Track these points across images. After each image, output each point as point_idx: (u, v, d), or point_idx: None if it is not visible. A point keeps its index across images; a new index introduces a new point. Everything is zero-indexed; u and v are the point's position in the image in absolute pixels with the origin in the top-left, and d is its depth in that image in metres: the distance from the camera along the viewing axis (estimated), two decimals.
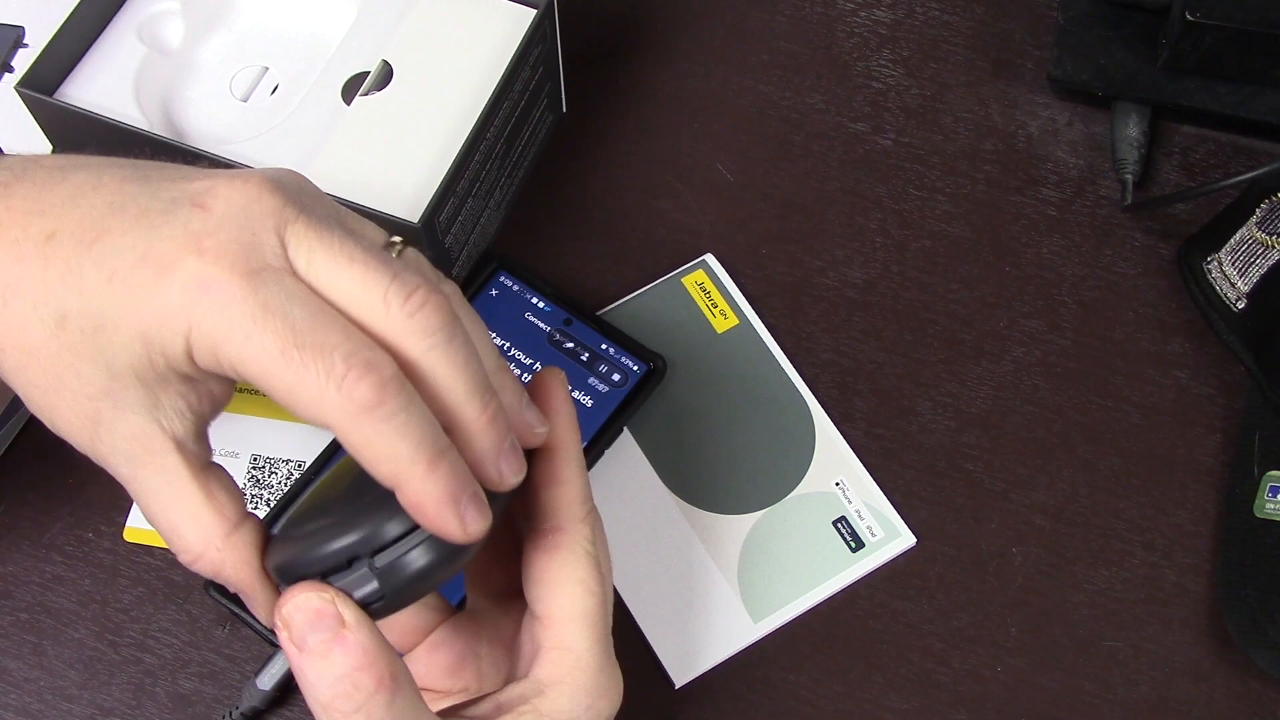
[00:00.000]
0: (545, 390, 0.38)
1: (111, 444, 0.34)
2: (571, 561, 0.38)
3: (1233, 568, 0.50)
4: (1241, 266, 0.54)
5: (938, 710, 0.50)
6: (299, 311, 0.32)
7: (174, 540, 0.35)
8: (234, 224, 0.33)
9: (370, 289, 0.33)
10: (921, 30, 0.64)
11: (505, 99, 0.53)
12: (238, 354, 0.32)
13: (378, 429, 0.32)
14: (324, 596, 0.34)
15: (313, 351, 0.32)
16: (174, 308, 0.32)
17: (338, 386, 0.32)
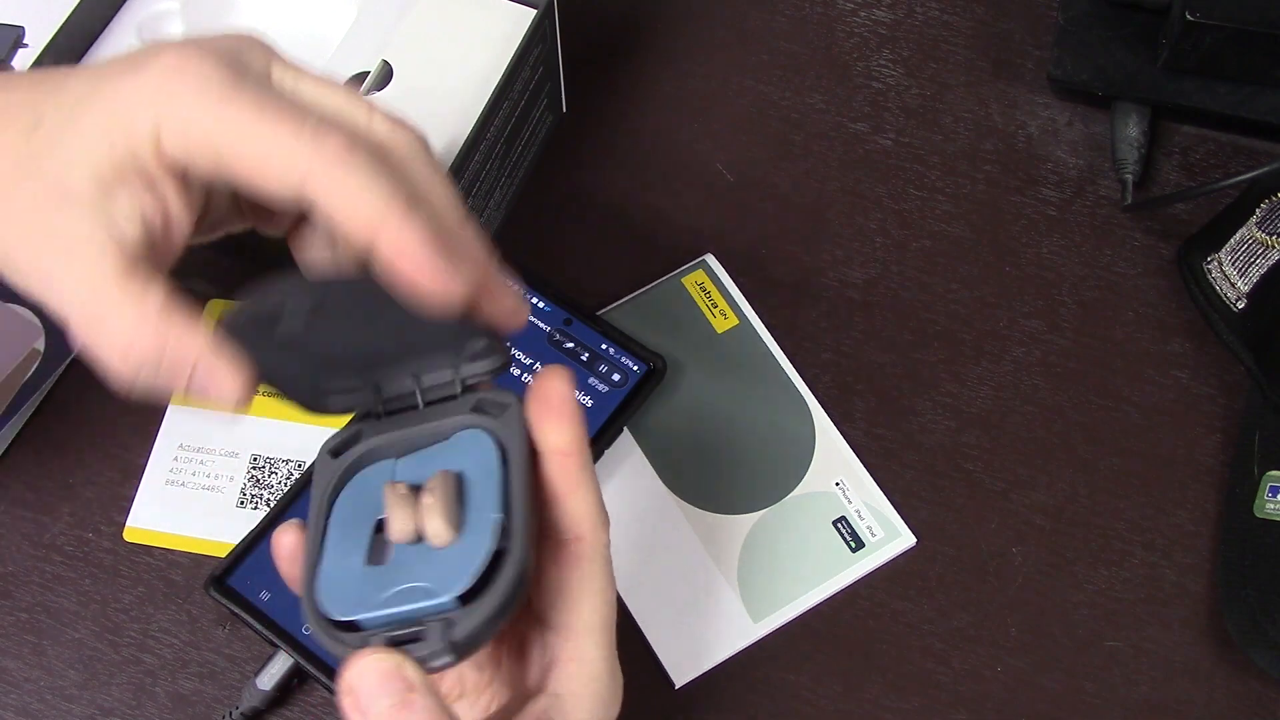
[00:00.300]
0: (551, 394, 0.37)
1: (53, 260, 0.34)
2: (593, 572, 0.37)
3: (1233, 568, 0.50)
4: (1241, 266, 0.54)
5: (938, 710, 0.50)
6: (273, 92, 0.34)
7: (101, 337, 0.33)
8: (229, 44, 0.35)
9: (356, 105, 0.35)
10: (921, 30, 0.64)
11: (505, 99, 0.53)
12: (210, 126, 0.33)
13: (352, 175, 0.33)
14: (393, 658, 0.33)
15: (286, 113, 0.33)
16: (148, 89, 0.33)
17: (310, 140, 0.33)
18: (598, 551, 0.37)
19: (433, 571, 0.35)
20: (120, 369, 0.34)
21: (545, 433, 0.37)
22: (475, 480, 0.36)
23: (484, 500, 0.36)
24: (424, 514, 0.35)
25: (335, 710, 0.49)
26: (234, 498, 0.52)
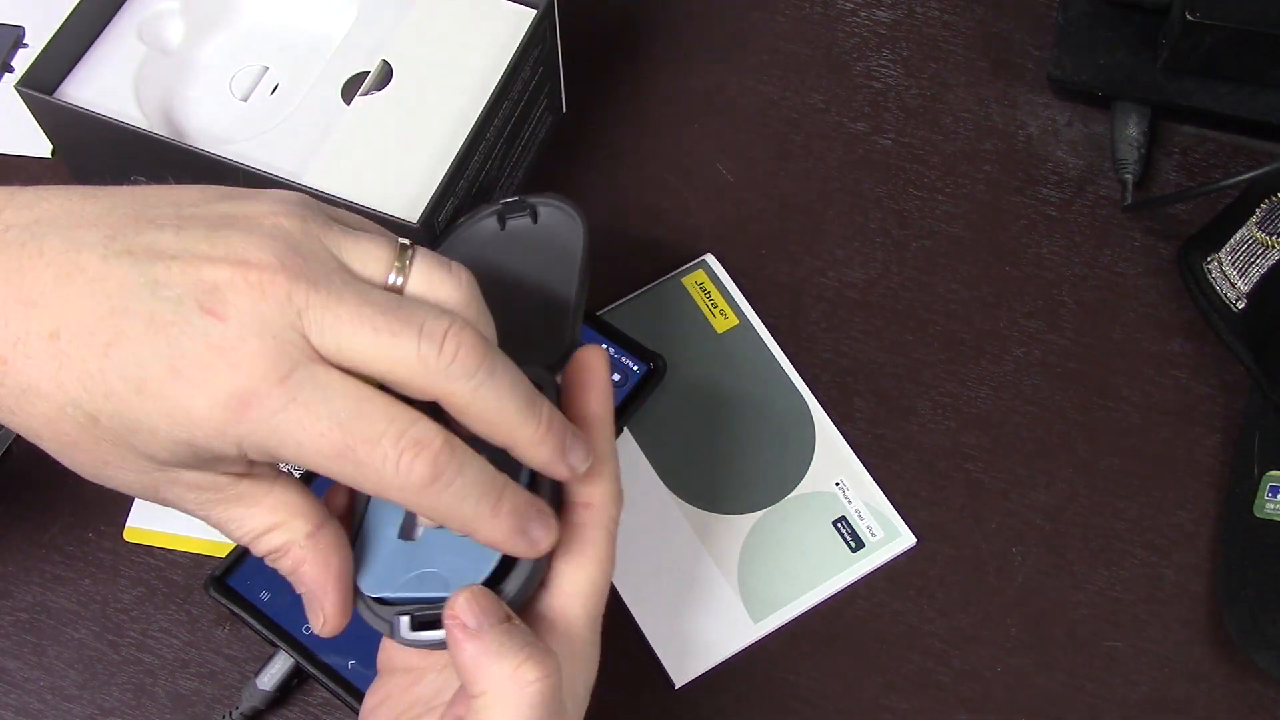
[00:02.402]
0: (587, 367, 0.40)
1: (177, 498, 0.36)
2: (595, 539, 0.39)
3: (1233, 568, 0.50)
4: (1241, 266, 0.54)
5: (938, 710, 0.50)
6: (340, 406, 0.33)
7: (261, 545, 0.37)
8: (254, 329, 0.33)
9: (403, 353, 0.34)
10: (921, 30, 0.64)
11: (505, 99, 0.53)
12: (294, 457, 0.34)
13: (442, 498, 0.35)
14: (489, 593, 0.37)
15: (364, 445, 0.34)
16: (218, 424, 0.33)
17: (395, 472, 0.34)
18: (605, 521, 0.39)
19: (453, 560, 0.38)
20: (270, 561, 0.38)
21: (578, 403, 0.39)
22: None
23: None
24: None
25: (335, 710, 0.49)
26: None
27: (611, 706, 0.40)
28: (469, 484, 0.35)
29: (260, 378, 0.33)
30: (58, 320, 0.33)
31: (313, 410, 0.33)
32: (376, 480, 0.34)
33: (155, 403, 0.33)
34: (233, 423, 0.33)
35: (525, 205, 0.46)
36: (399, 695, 0.41)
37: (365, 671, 0.48)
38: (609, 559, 0.39)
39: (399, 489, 0.34)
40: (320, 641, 0.48)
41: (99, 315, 0.33)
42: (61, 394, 0.34)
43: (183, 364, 0.33)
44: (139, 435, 0.34)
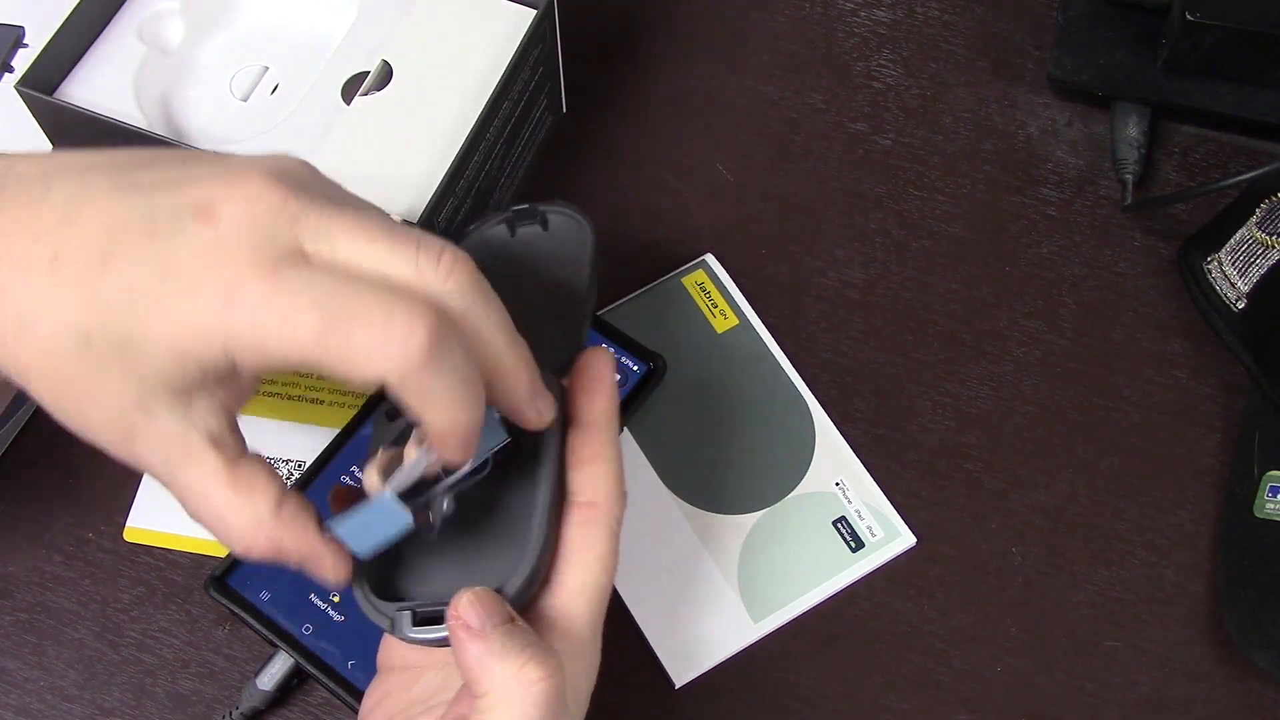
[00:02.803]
0: (591, 369, 0.40)
1: (147, 450, 0.35)
2: (597, 538, 0.39)
3: (1233, 568, 0.50)
4: (1241, 266, 0.54)
5: (938, 710, 0.50)
6: (327, 290, 0.33)
7: (223, 533, 0.36)
8: (244, 229, 0.33)
9: (400, 257, 0.34)
10: (921, 30, 0.64)
11: (505, 99, 0.53)
12: (281, 348, 0.33)
13: (435, 382, 0.34)
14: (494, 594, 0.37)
15: (353, 322, 0.33)
16: (206, 322, 0.33)
17: (392, 342, 0.33)
18: (608, 520, 0.39)
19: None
20: (240, 554, 0.37)
21: (582, 404, 0.40)
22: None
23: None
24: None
25: (335, 710, 0.49)
26: None
27: (611, 706, 0.40)
28: (461, 370, 0.34)
29: (247, 270, 0.33)
30: (58, 246, 0.34)
31: (301, 296, 0.33)
32: (367, 357, 0.33)
33: (146, 307, 0.33)
34: (220, 318, 0.33)
35: (535, 213, 0.46)
36: (398, 693, 0.41)
37: (365, 671, 0.48)
38: (612, 559, 0.39)
39: (401, 359, 0.33)
40: (320, 641, 0.48)
41: (99, 238, 0.34)
42: (57, 318, 0.34)
43: (174, 267, 0.33)
44: (129, 353, 0.33)
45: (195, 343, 0.33)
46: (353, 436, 0.52)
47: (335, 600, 0.49)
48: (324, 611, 0.49)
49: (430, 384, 0.34)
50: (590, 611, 0.39)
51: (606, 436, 0.40)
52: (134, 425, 0.35)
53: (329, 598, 0.49)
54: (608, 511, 0.39)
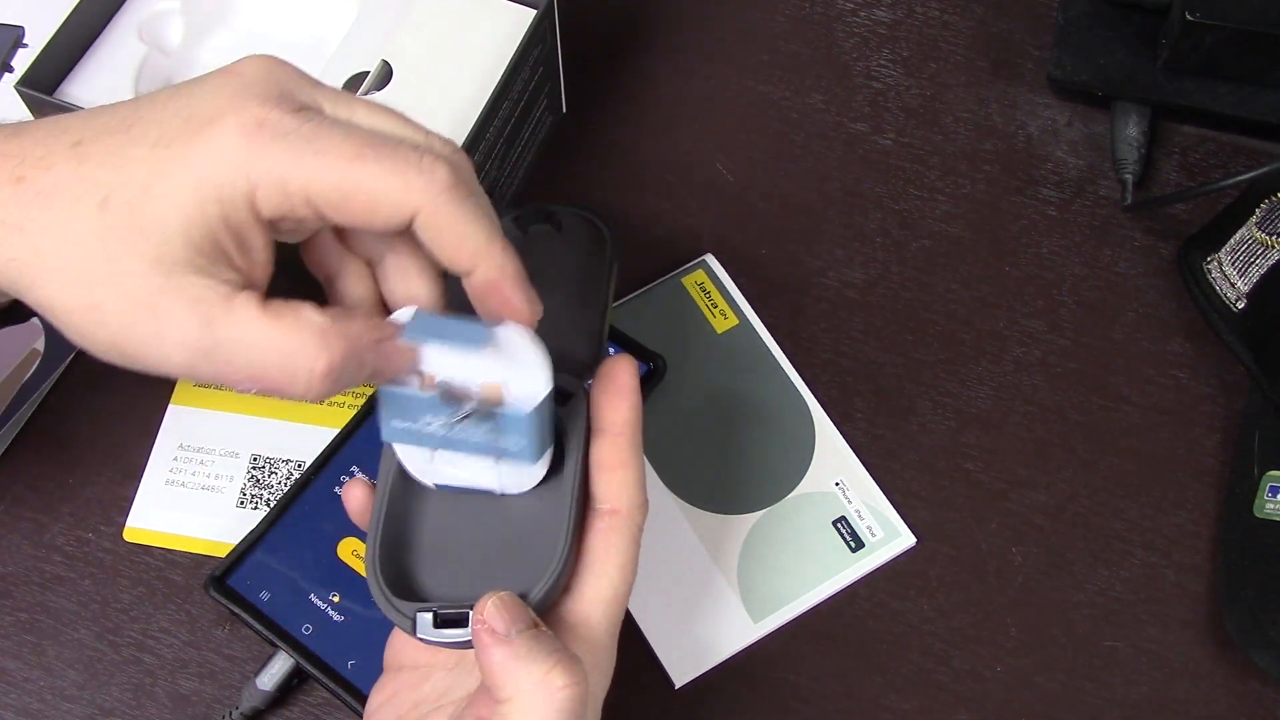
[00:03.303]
0: (613, 377, 0.40)
1: (179, 320, 0.34)
2: (619, 545, 0.39)
3: (1233, 568, 0.50)
4: (1241, 266, 0.54)
5: (938, 710, 0.50)
6: (354, 131, 0.34)
7: (292, 367, 0.34)
8: (268, 79, 0.35)
9: (413, 129, 0.36)
10: (921, 30, 0.64)
11: (505, 99, 0.53)
12: (308, 175, 0.33)
13: (462, 205, 0.35)
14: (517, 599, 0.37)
15: (385, 147, 0.34)
16: (231, 153, 0.33)
17: (419, 170, 0.34)
18: (630, 527, 0.39)
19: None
20: (318, 390, 0.35)
21: (605, 411, 0.39)
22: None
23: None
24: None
25: (335, 710, 0.49)
26: (234, 498, 0.52)
27: (611, 707, 0.40)
28: (484, 205, 0.36)
29: (275, 106, 0.34)
30: (81, 132, 0.35)
31: (330, 130, 0.34)
32: (398, 183, 0.34)
33: (169, 151, 0.33)
34: (247, 144, 0.33)
35: (545, 213, 0.46)
36: (406, 692, 0.41)
37: (365, 671, 0.48)
38: (633, 566, 0.39)
39: (422, 188, 0.34)
40: (320, 641, 0.48)
41: (121, 115, 0.35)
42: (78, 185, 0.34)
43: (199, 111, 0.34)
44: (148, 199, 0.33)
45: (218, 175, 0.33)
46: (353, 436, 0.52)
47: (335, 600, 0.49)
48: (324, 611, 0.49)
49: (461, 210, 0.35)
50: (609, 619, 0.39)
51: (630, 444, 0.39)
52: (158, 297, 0.34)
53: (329, 598, 0.49)
54: (630, 519, 0.39)
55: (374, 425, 0.52)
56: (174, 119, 0.34)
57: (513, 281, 0.37)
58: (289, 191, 0.34)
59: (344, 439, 0.52)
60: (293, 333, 0.34)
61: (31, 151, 0.34)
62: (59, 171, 0.34)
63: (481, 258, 0.36)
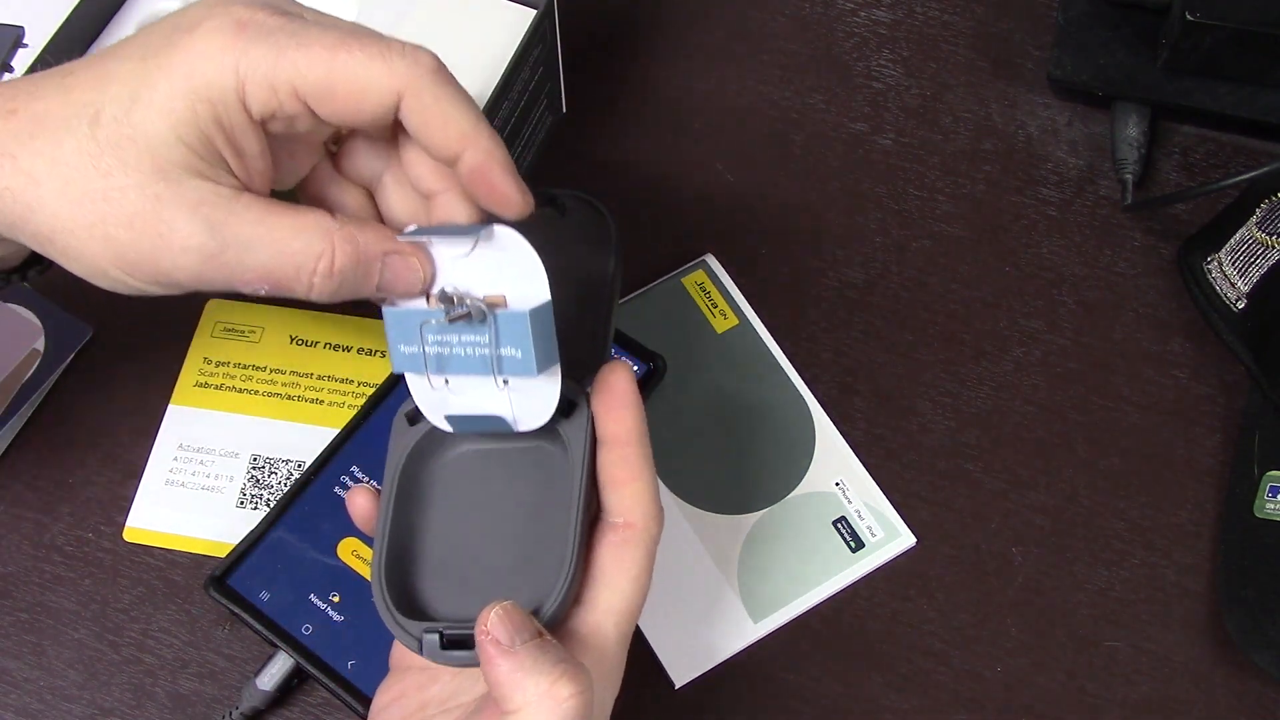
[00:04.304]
0: (613, 385, 0.39)
1: (183, 225, 0.34)
2: (634, 559, 0.38)
3: (1233, 568, 0.50)
4: (1241, 266, 0.54)
5: (938, 710, 0.50)
6: (339, 25, 0.35)
7: (296, 262, 0.35)
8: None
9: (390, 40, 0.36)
10: (921, 30, 0.64)
11: (505, 99, 0.53)
12: (294, 67, 0.34)
13: (447, 88, 0.35)
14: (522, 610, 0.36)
15: (369, 37, 0.35)
16: (216, 53, 0.33)
17: (401, 54, 0.35)
18: (645, 540, 0.39)
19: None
20: (324, 289, 0.36)
21: (608, 423, 0.39)
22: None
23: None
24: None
25: (335, 710, 0.49)
26: (234, 498, 0.52)
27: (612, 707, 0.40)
28: (469, 95, 0.36)
29: (258, 9, 0.34)
30: (73, 65, 0.35)
31: (309, 25, 0.34)
32: (383, 68, 0.34)
33: (156, 60, 0.34)
34: (234, 41, 0.33)
35: (550, 196, 0.44)
36: (413, 694, 0.41)
37: (365, 671, 0.48)
38: (647, 579, 0.39)
39: (405, 70, 0.34)
40: (320, 641, 0.48)
41: (113, 46, 0.35)
42: (68, 108, 0.34)
43: (183, 22, 0.34)
44: (138, 107, 0.33)
45: (205, 73, 0.33)
46: (353, 436, 0.52)
47: (335, 600, 0.49)
48: (324, 611, 0.49)
49: (446, 91, 0.35)
50: (620, 630, 0.38)
51: (639, 455, 0.39)
52: (160, 205, 0.34)
53: (329, 598, 0.49)
54: (645, 531, 0.39)
55: (374, 425, 0.52)
56: (158, 34, 0.34)
57: (500, 168, 0.37)
58: (276, 85, 0.34)
59: (344, 439, 0.52)
60: (299, 230, 0.35)
61: (23, 88, 0.35)
62: (49, 100, 0.34)
63: (469, 141, 0.36)
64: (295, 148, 0.39)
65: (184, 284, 0.35)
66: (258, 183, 0.36)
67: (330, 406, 0.54)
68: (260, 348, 0.55)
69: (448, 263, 0.37)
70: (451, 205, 0.39)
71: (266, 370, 0.55)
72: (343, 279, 0.36)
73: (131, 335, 0.56)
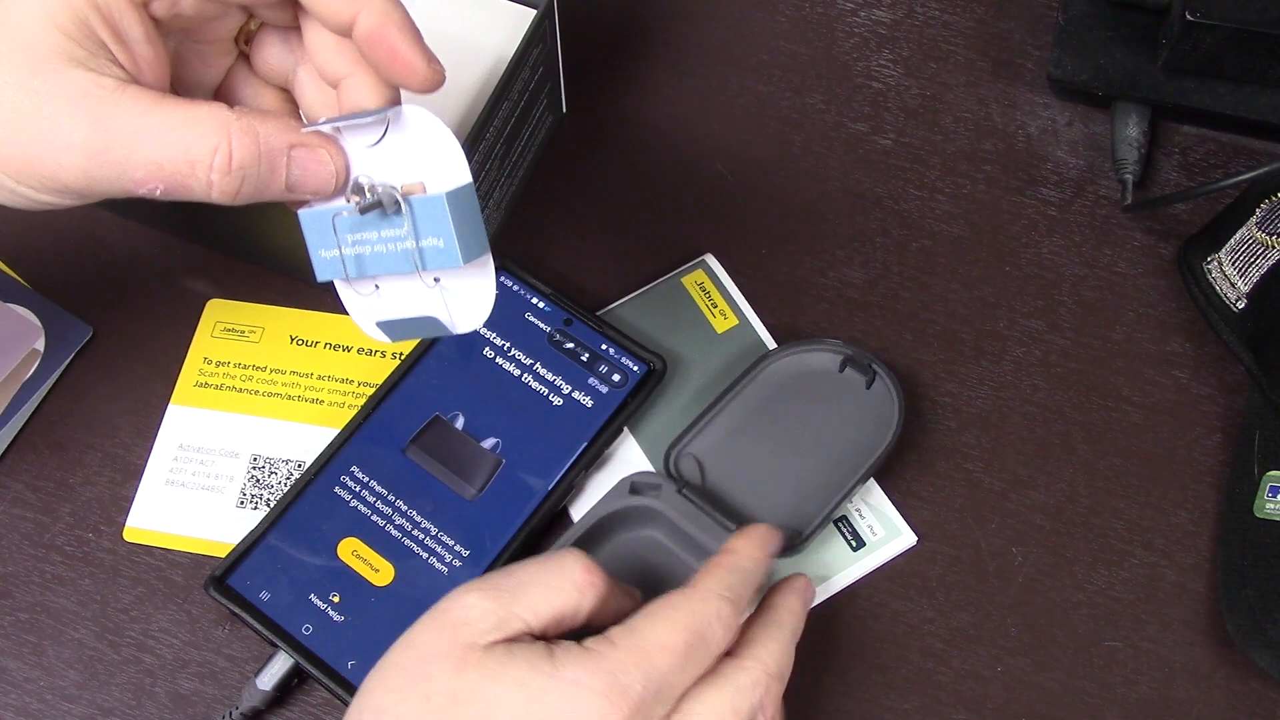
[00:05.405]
0: (794, 580, 0.46)
1: (67, 119, 0.32)
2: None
3: (1233, 568, 0.50)
4: (1241, 266, 0.54)
5: (938, 710, 0.50)
6: None
7: (191, 156, 0.32)
8: None
9: None
10: (921, 30, 0.64)
11: (505, 99, 0.53)
12: None
13: None
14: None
15: None
16: None
17: None
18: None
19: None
20: (224, 186, 0.32)
21: (780, 603, 0.45)
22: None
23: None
24: None
25: (335, 710, 0.49)
26: (234, 498, 0.52)
27: None
28: None
29: None
30: None
31: None
32: None
33: None
34: None
35: (870, 368, 0.52)
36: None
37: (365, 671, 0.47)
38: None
39: None
40: (320, 641, 0.48)
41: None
42: None
43: None
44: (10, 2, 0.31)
45: None
46: (353, 437, 0.52)
47: (335, 600, 0.49)
48: (324, 611, 0.49)
49: None
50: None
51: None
52: (38, 99, 0.31)
53: (329, 598, 0.49)
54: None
55: (374, 425, 0.52)
56: None
57: (399, 29, 0.33)
58: None
59: (344, 439, 0.52)
60: (192, 121, 0.32)
61: None
62: None
63: (362, 1, 0.33)
64: (202, 48, 0.36)
65: (73, 187, 0.33)
66: (148, 74, 0.33)
67: (330, 406, 0.54)
68: (260, 348, 0.55)
69: (361, 153, 0.35)
70: (358, 89, 0.35)
71: (267, 370, 0.55)
72: (244, 175, 0.33)
73: (131, 335, 0.56)
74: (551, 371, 0.53)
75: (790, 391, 0.52)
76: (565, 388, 0.53)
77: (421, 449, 0.52)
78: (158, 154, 0.32)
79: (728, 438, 0.52)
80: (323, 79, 0.37)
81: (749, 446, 0.52)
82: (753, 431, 0.52)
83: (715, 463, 0.51)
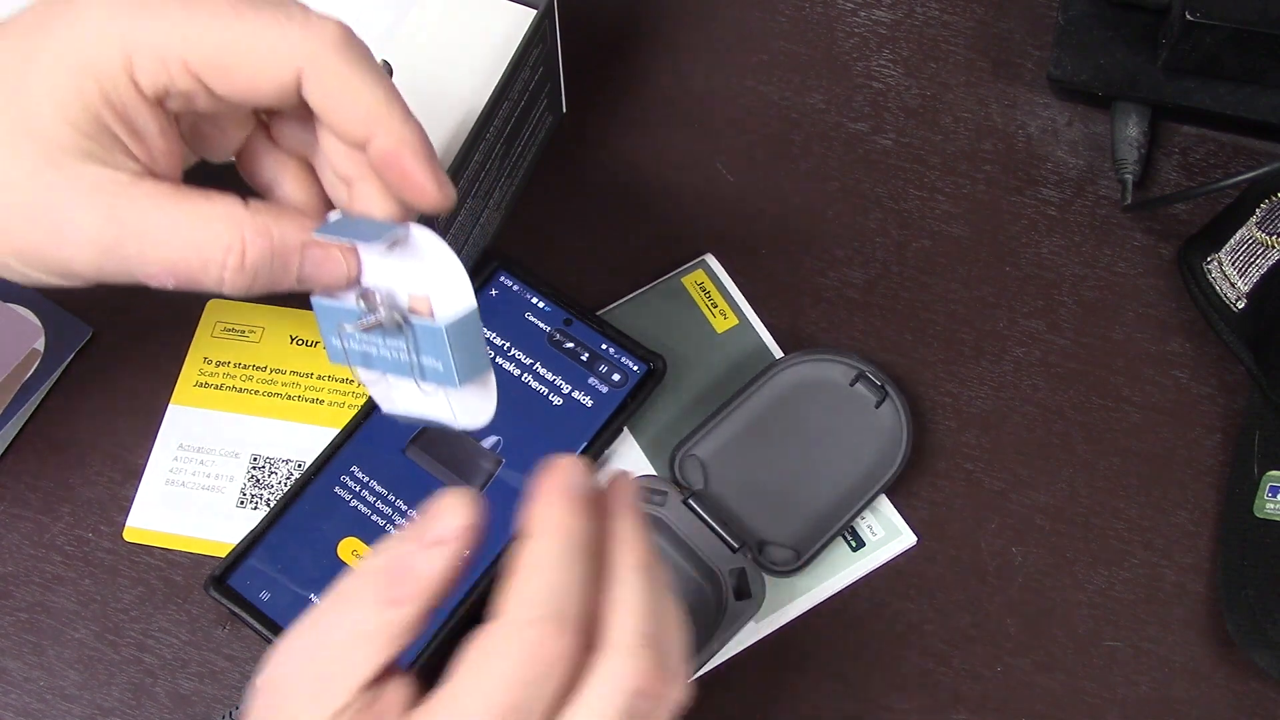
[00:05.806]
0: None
1: (82, 215, 0.32)
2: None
3: (1233, 568, 0.50)
4: (1241, 266, 0.54)
5: (938, 710, 0.50)
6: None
7: (204, 255, 0.32)
8: None
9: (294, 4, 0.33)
10: (921, 30, 0.64)
11: (505, 99, 0.53)
12: (183, 37, 0.31)
13: (352, 63, 0.32)
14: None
15: (268, 4, 0.31)
16: (99, 24, 0.31)
17: (301, 29, 0.31)
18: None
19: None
20: (236, 283, 0.32)
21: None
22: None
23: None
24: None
25: None
26: (234, 498, 0.52)
27: None
28: (382, 73, 0.33)
29: None
30: None
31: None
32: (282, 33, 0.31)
33: (38, 35, 0.31)
34: (114, 17, 0.31)
35: (883, 389, 0.52)
36: None
37: None
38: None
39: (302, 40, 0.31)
40: None
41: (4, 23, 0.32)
42: None
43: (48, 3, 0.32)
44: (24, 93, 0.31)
45: (89, 45, 0.31)
46: (353, 437, 0.52)
47: None
48: None
49: (350, 67, 0.32)
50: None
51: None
52: (52, 192, 0.31)
53: None
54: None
55: (374, 425, 0.52)
56: (39, 8, 0.32)
57: (414, 154, 0.33)
58: (166, 58, 0.31)
59: (344, 439, 0.52)
60: (205, 220, 0.32)
61: None
62: None
63: (378, 123, 0.33)
64: (221, 121, 0.36)
65: (86, 276, 0.33)
66: (163, 165, 0.33)
67: (330, 406, 0.54)
68: (260, 348, 0.55)
69: (371, 256, 0.35)
70: (369, 197, 0.35)
71: (267, 370, 0.55)
72: (256, 273, 0.33)
73: (131, 335, 0.56)
74: (551, 371, 0.53)
75: (799, 400, 0.53)
76: (565, 387, 0.53)
77: (421, 449, 0.52)
78: (171, 252, 0.32)
79: (733, 442, 0.52)
80: (335, 175, 0.37)
81: (753, 453, 0.52)
82: (758, 438, 0.52)
83: (719, 467, 0.51)
